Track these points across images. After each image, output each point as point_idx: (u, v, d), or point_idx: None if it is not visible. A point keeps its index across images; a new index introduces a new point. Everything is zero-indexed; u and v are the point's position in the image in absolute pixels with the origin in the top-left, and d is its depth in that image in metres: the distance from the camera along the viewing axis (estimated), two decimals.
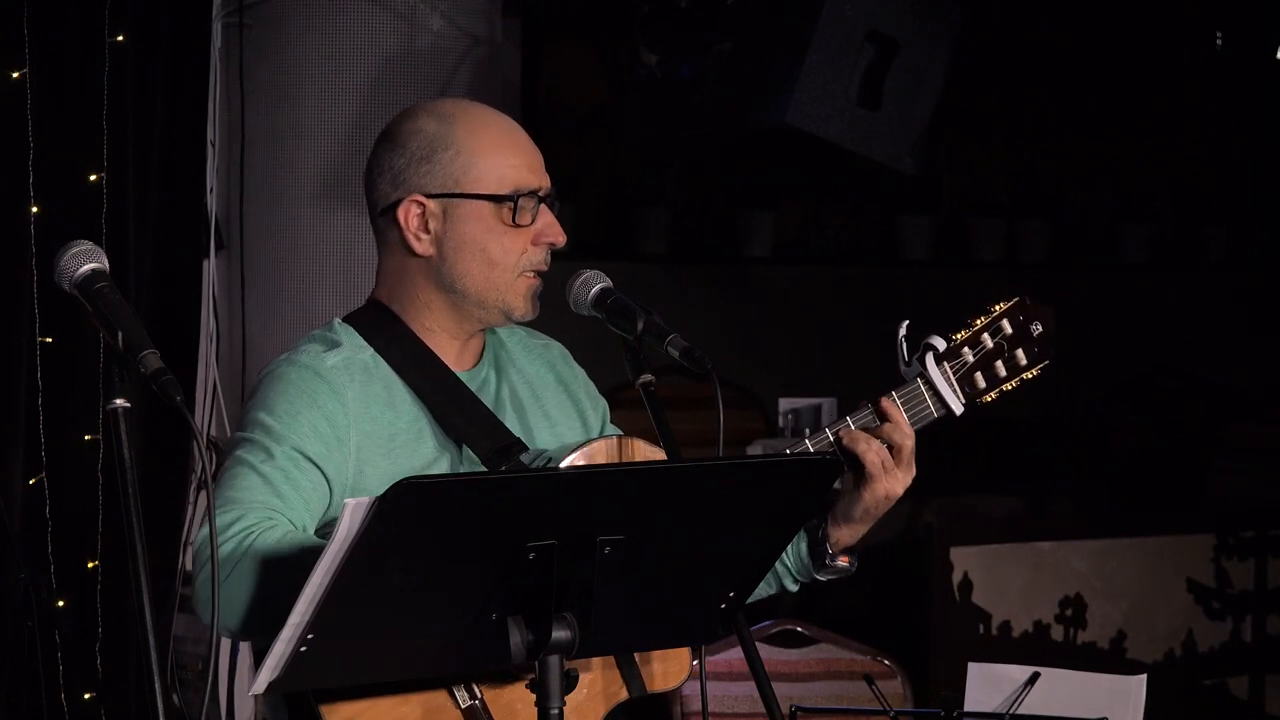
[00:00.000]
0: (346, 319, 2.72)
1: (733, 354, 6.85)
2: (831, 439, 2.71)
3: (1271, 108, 8.43)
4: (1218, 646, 6.04)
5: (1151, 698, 3.01)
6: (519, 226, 2.66)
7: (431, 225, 2.67)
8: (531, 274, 2.68)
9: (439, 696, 2.49)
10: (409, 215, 2.67)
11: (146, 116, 4.81)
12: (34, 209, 4.55)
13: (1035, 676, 3.05)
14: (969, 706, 3.05)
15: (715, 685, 3.76)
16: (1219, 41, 8.64)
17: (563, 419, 2.80)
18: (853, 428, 2.71)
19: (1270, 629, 6.10)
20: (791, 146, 4.81)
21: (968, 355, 2.81)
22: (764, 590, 2.82)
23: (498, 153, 2.67)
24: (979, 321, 2.84)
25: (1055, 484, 7.16)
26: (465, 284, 2.67)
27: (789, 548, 2.77)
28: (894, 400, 2.73)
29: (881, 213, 8.09)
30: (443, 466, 2.64)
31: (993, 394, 2.83)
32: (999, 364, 2.83)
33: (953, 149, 7.97)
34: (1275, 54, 8.07)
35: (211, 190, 5.06)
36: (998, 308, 2.86)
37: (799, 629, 3.91)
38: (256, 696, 2.33)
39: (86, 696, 4.66)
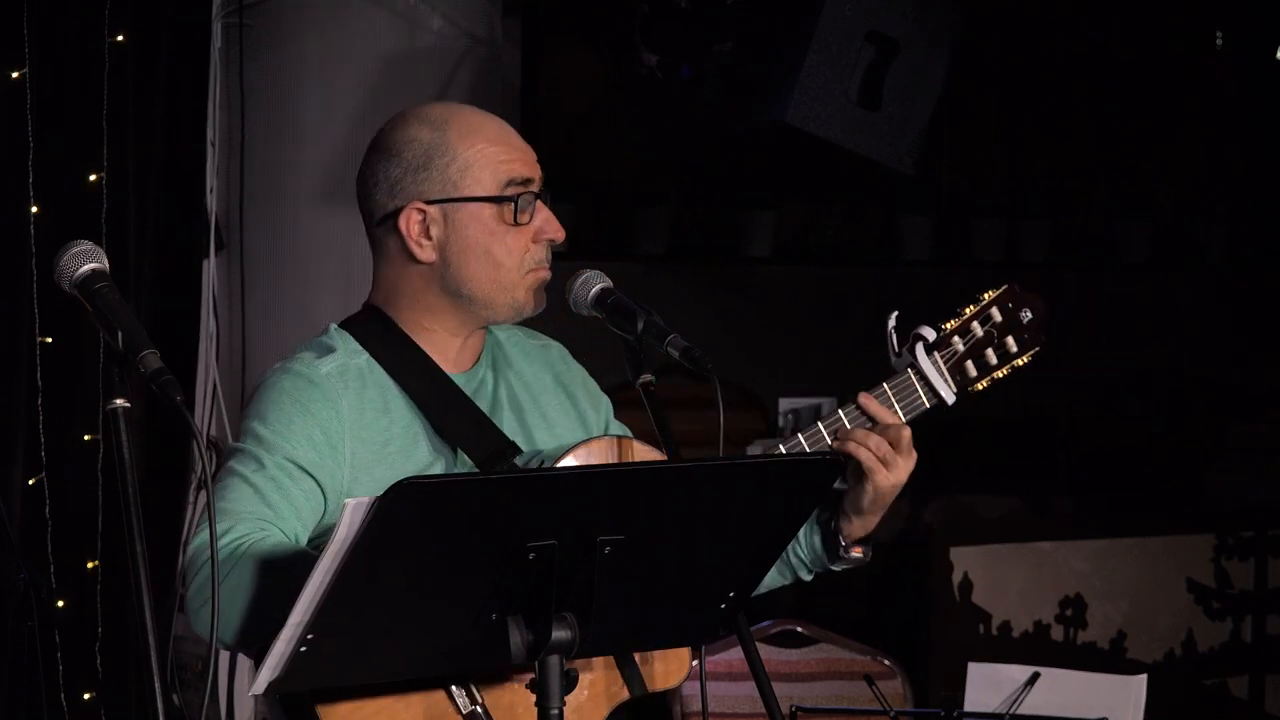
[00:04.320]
0: (343, 325, 2.73)
1: (733, 354, 6.83)
2: (827, 436, 2.73)
3: (1271, 108, 8.43)
4: (1218, 646, 6.04)
5: (1151, 698, 3.02)
6: (519, 225, 2.67)
7: (433, 231, 2.67)
8: (535, 270, 2.69)
9: (439, 701, 2.49)
10: (410, 223, 2.67)
11: (146, 116, 4.81)
12: (34, 209, 4.55)
13: (1035, 676, 3.06)
14: (969, 706, 3.06)
15: (715, 685, 3.76)
16: (1219, 41, 8.63)
17: (561, 420, 2.79)
18: (847, 424, 2.74)
19: (1270, 629, 6.10)
20: (791, 146, 4.80)
21: (958, 344, 2.84)
22: (777, 580, 2.85)
23: (493, 153, 2.68)
24: (968, 310, 2.87)
25: (1055, 484, 7.15)
26: (472, 288, 2.68)
27: (801, 540, 2.80)
28: (873, 396, 2.76)
29: (881, 212, 8.08)
30: (439, 469, 2.64)
31: (984, 382, 2.86)
32: (989, 351, 2.85)
33: (953, 149, 7.96)
34: (1275, 54, 8.07)
35: (211, 190, 5.06)
36: (986, 296, 2.88)
37: (799, 629, 3.91)
38: (256, 696, 2.33)
39: (86, 696, 4.66)
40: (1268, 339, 7.78)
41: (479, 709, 2.50)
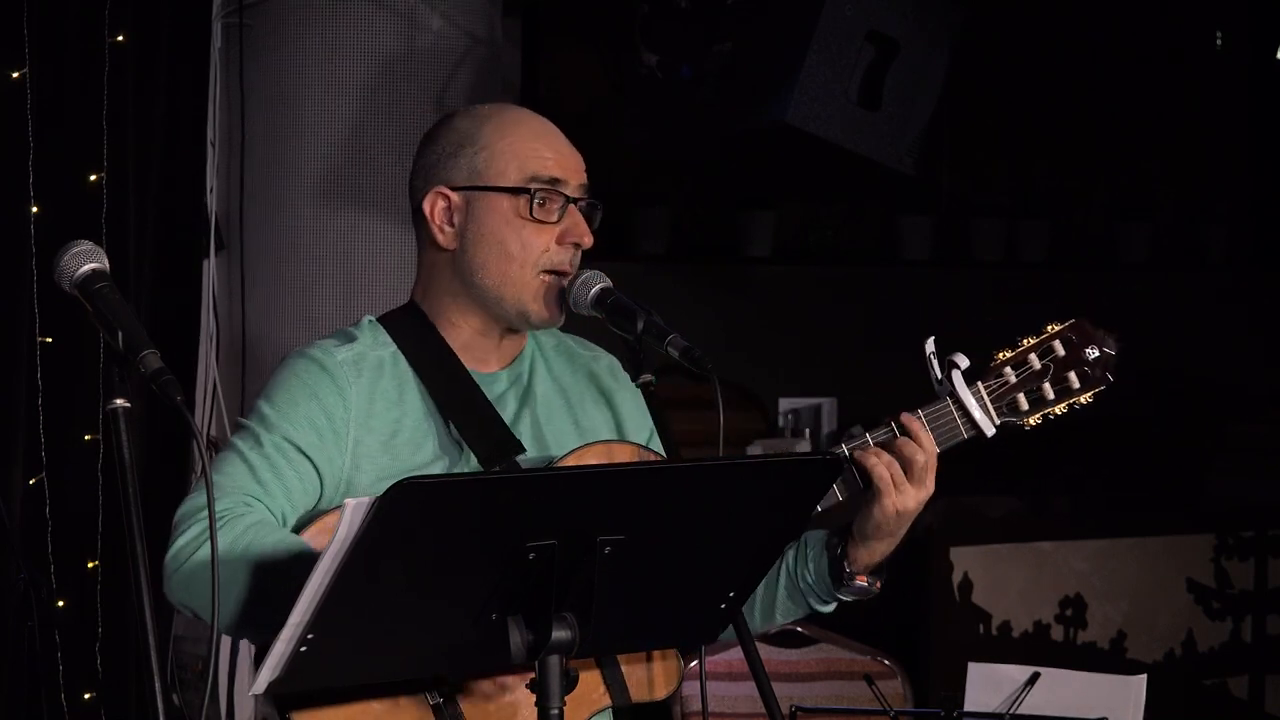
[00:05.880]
0: (380, 317, 2.76)
1: (733, 354, 6.83)
2: (846, 453, 2.66)
3: (1271, 108, 8.42)
4: (1218, 646, 6.04)
5: (1151, 698, 3.01)
6: (539, 222, 2.67)
7: (455, 218, 2.71)
8: (550, 274, 2.69)
9: (411, 695, 2.49)
10: (434, 207, 2.72)
11: (146, 116, 4.81)
12: (34, 209, 4.55)
13: (1035, 676, 3.05)
14: (969, 706, 3.06)
15: (715, 685, 3.76)
16: (1219, 41, 8.63)
17: (595, 431, 2.78)
18: (870, 443, 2.66)
19: (1270, 629, 6.10)
20: (791, 146, 4.80)
21: (1010, 375, 2.71)
22: (793, 611, 2.79)
23: (523, 148, 2.70)
24: (1027, 341, 2.73)
25: (1055, 484, 7.15)
26: (482, 277, 2.69)
27: (810, 565, 2.74)
28: (917, 416, 2.66)
29: (881, 213, 8.07)
30: (440, 468, 2.64)
31: (1036, 417, 2.73)
32: (1046, 385, 2.73)
33: (953, 149, 7.95)
34: (1275, 54, 8.07)
35: (211, 190, 5.06)
36: (1050, 328, 2.75)
37: (799, 629, 3.91)
38: (256, 696, 2.33)
39: (86, 696, 4.66)
40: (1267, 339, 7.78)
41: (443, 702, 2.50)
